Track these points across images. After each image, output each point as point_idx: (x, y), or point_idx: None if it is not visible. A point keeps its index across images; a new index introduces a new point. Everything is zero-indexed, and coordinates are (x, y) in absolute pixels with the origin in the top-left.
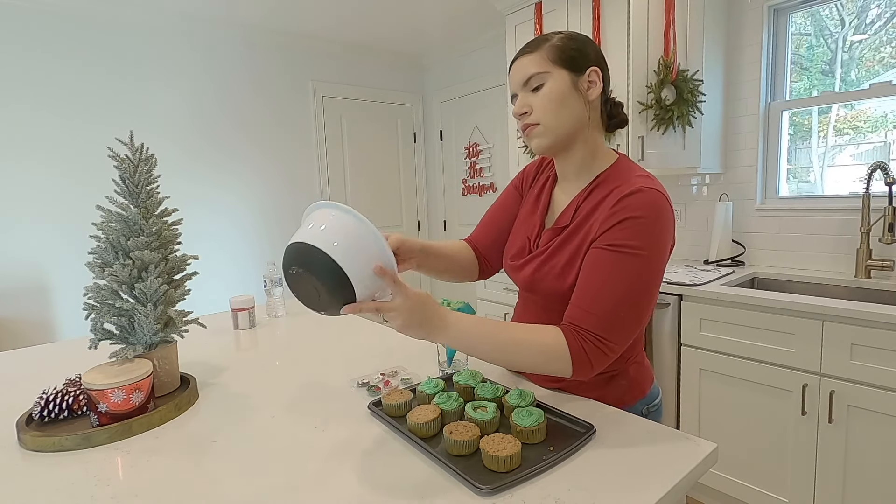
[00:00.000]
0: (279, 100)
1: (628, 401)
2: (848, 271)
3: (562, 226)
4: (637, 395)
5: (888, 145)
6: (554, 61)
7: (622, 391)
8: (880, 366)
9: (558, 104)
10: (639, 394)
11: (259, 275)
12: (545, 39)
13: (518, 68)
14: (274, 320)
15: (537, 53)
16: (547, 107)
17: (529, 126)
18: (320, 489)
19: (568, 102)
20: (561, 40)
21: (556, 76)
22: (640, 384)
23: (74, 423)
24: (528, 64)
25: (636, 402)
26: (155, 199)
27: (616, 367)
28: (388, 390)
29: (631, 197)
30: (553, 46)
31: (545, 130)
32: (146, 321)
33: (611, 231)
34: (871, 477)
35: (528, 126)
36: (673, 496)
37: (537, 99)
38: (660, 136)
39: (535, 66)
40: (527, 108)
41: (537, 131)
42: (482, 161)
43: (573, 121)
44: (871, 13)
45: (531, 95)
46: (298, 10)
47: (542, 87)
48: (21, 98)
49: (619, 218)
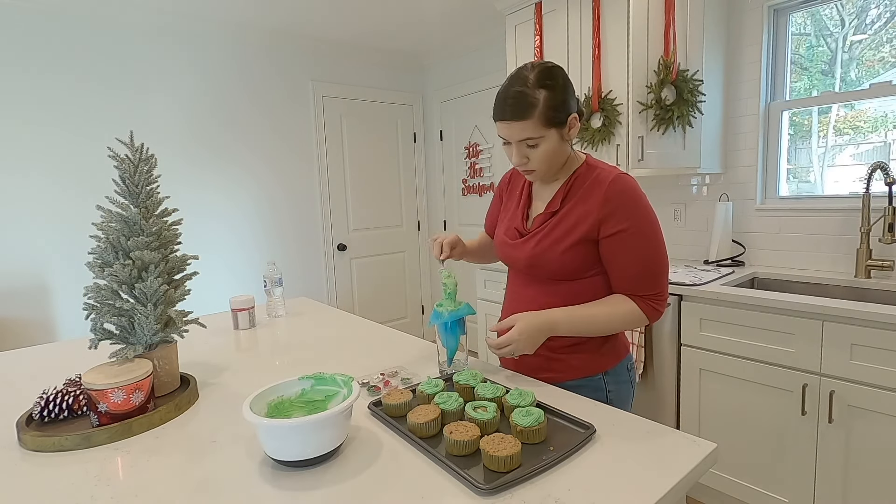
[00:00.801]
0: (279, 100)
1: (619, 356)
2: (848, 271)
3: (552, 210)
4: (624, 353)
5: (888, 145)
6: (546, 125)
7: (613, 349)
8: (880, 366)
9: (552, 157)
10: (625, 352)
11: (259, 275)
12: (531, 104)
13: (512, 130)
14: (274, 320)
15: (530, 122)
16: (543, 161)
17: (528, 171)
18: (320, 489)
19: (558, 152)
20: (546, 102)
21: (548, 137)
22: (625, 345)
23: (74, 423)
24: (523, 130)
25: (625, 358)
26: (155, 199)
27: None
28: (388, 390)
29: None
30: (542, 114)
31: (540, 174)
32: (146, 321)
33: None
34: (871, 477)
35: (527, 170)
36: (673, 496)
37: (534, 155)
38: (660, 136)
39: (530, 132)
40: (525, 159)
41: (534, 175)
42: (482, 161)
43: (561, 159)
44: (871, 13)
45: (528, 149)
46: (298, 9)
47: (538, 146)
48: (19, 99)
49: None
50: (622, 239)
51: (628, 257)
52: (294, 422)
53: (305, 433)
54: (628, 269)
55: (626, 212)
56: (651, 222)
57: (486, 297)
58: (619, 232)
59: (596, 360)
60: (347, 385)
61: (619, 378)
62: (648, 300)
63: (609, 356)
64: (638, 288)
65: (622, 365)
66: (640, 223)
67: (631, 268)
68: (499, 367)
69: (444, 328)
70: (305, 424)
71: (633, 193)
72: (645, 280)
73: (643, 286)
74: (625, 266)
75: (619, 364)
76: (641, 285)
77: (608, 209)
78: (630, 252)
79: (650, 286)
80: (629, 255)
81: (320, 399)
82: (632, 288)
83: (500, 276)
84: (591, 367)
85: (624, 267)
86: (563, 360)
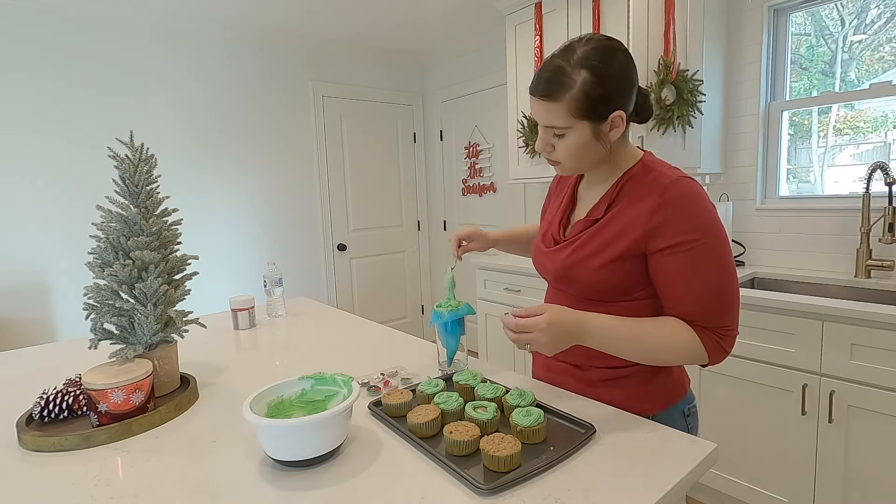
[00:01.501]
0: (279, 100)
1: (673, 399)
2: (848, 271)
3: (594, 218)
4: (680, 394)
5: (888, 145)
6: (576, 115)
7: (666, 389)
8: (880, 366)
9: (580, 152)
10: (681, 392)
11: (259, 275)
12: (565, 85)
13: (539, 109)
14: (274, 320)
15: (559, 105)
16: (568, 155)
17: (552, 161)
18: (320, 489)
19: (588, 150)
20: (584, 87)
21: (577, 129)
22: (681, 383)
23: (74, 423)
24: (549, 113)
25: (678, 402)
26: (155, 199)
27: None
28: (388, 390)
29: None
30: (575, 100)
31: (566, 168)
32: (146, 321)
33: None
34: (871, 477)
35: (551, 161)
36: (673, 496)
37: (559, 145)
38: (660, 136)
39: (558, 120)
40: (550, 147)
41: (560, 167)
42: (482, 161)
43: (594, 158)
44: (870, 13)
45: (554, 137)
46: (298, 9)
47: (564, 136)
48: (17, 99)
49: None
50: (679, 256)
51: (687, 280)
52: (294, 422)
53: (305, 433)
54: (687, 295)
55: (685, 222)
56: (718, 237)
57: (486, 297)
58: (674, 246)
59: (640, 400)
60: (347, 385)
61: (672, 424)
62: (713, 334)
63: (658, 395)
64: (703, 317)
65: (677, 409)
66: (703, 237)
67: (691, 293)
68: (499, 368)
69: (444, 328)
70: (305, 424)
71: (694, 199)
72: (710, 309)
73: (707, 316)
74: (682, 291)
75: (673, 408)
76: (708, 314)
77: (661, 217)
78: (690, 273)
79: (716, 317)
80: (689, 277)
81: (320, 399)
82: (695, 315)
83: (500, 276)
84: (632, 408)
85: (681, 292)
86: (597, 393)
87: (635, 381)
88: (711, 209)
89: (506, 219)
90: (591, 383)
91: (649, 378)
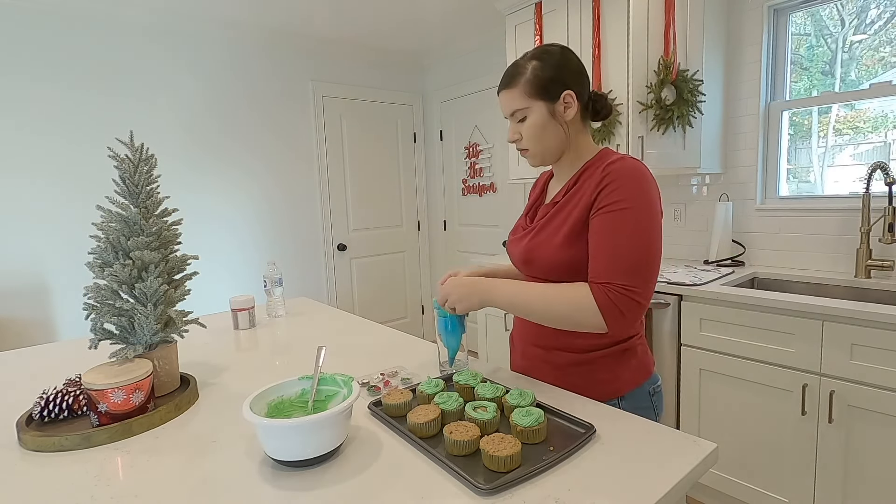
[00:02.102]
0: (279, 100)
1: (639, 379)
2: (848, 271)
3: (555, 201)
4: (645, 375)
5: (888, 145)
6: (531, 95)
7: (633, 370)
8: (880, 366)
9: (541, 132)
10: (646, 373)
11: (259, 275)
12: (520, 73)
13: (503, 101)
14: (274, 320)
15: (516, 89)
16: (531, 136)
17: (522, 150)
18: (320, 489)
19: (548, 128)
20: (534, 71)
21: (534, 109)
22: (646, 364)
23: (74, 423)
24: (510, 99)
25: (644, 382)
26: (155, 199)
27: (625, 342)
28: (388, 390)
29: (612, 164)
30: (528, 82)
31: (534, 154)
32: (146, 321)
33: (600, 196)
34: (871, 477)
35: (521, 149)
36: (673, 496)
37: (524, 129)
38: (660, 136)
39: (517, 102)
40: (517, 136)
41: (529, 154)
42: (482, 161)
43: (556, 141)
44: (871, 13)
45: (519, 125)
46: (298, 9)
47: (526, 119)
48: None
49: (605, 183)
50: (604, 216)
51: (603, 237)
52: (294, 422)
53: (305, 433)
54: (599, 252)
55: (618, 189)
56: (645, 208)
57: None
58: (603, 207)
59: (609, 383)
60: (347, 385)
61: (639, 404)
62: (610, 290)
63: (625, 377)
64: (603, 273)
65: (643, 389)
66: (629, 204)
67: (604, 248)
68: (499, 368)
69: (445, 327)
70: (305, 424)
71: (632, 172)
72: (615, 264)
73: (610, 272)
74: (601, 247)
75: (639, 388)
76: (609, 270)
77: (601, 186)
78: (607, 231)
79: (616, 273)
80: (605, 234)
81: (320, 399)
82: (599, 272)
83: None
84: (602, 390)
85: (600, 248)
86: (571, 380)
87: (602, 366)
88: (647, 184)
89: (506, 219)
90: (560, 367)
91: (615, 361)
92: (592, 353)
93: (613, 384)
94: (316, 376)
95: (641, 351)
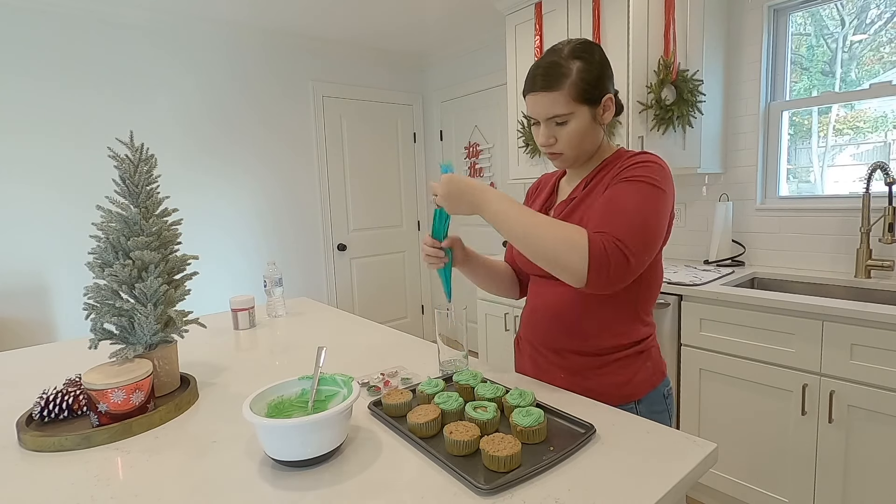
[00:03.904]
0: (279, 100)
1: (654, 381)
2: (848, 271)
3: (572, 197)
4: (660, 377)
5: (888, 145)
6: (576, 100)
7: (649, 372)
8: (880, 366)
9: (581, 138)
10: (661, 375)
11: (259, 275)
12: (563, 74)
13: (542, 104)
14: (274, 320)
15: (560, 93)
16: (570, 142)
17: (554, 153)
18: (320, 489)
19: (589, 134)
20: (580, 74)
21: (578, 115)
22: (660, 366)
23: (74, 423)
24: (552, 104)
25: (660, 384)
26: (155, 199)
27: (641, 343)
28: (388, 390)
29: (637, 156)
30: (574, 86)
31: (567, 158)
32: (146, 321)
33: (622, 172)
34: (871, 477)
35: (553, 153)
36: (673, 496)
37: (563, 133)
38: (660, 136)
39: (560, 107)
40: (552, 139)
41: (561, 158)
42: (482, 161)
43: (593, 145)
44: (871, 13)
45: (556, 128)
46: (298, 10)
47: (567, 124)
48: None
49: (630, 164)
50: (620, 183)
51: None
52: (294, 422)
53: (305, 433)
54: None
55: (641, 167)
56: (662, 185)
57: (485, 297)
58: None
59: (625, 386)
60: (347, 385)
61: (654, 408)
62: (607, 240)
63: (641, 380)
64: (603, 225)
65: (657, 392)
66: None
67: (610, 207)
68: (499, 368)
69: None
70: (305, 424)
71: (651, 160)
72: (617, 220)
73: (612, 225)
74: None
75: (654, 391)
76: (610, 223)
77: (623, 167)
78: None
79: (619, 229)
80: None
81: (320, 399)
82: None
83: None
84: (619, 394)
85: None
86: (586, 384)
87: (618, 368)
88: (666, 173)
89: None
90: (576, 372)
91: (631, 362)
92: (608, 355)
93: (629, 387)
94: (316, 376)
95: (656, 353)
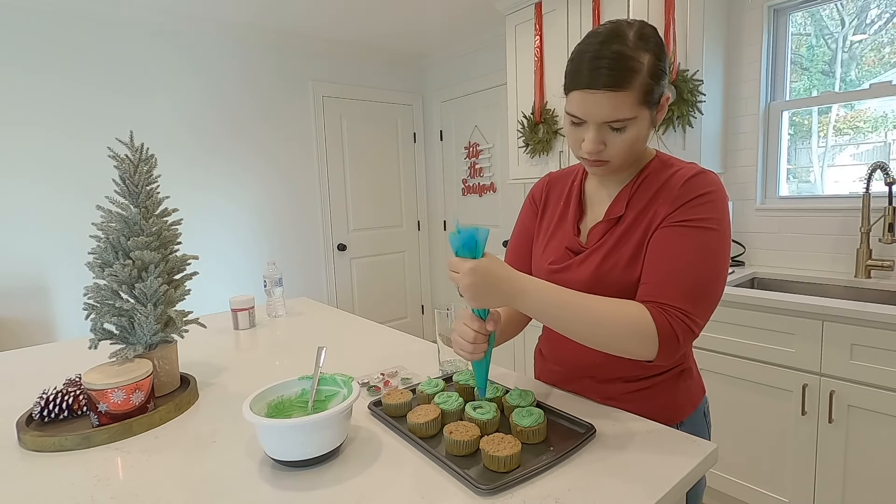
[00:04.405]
0: (279, 100)
1: (696, 401)
2: (848, 271)
3: (615, 216)
4: (700, 394)
5: (888, 145)
6: (643, 103)
7: (691, 392)
8: (880, 366)
9: (634, 147)
10: (701, 391)
11: (259, 275)
12: (635, 69)
13: (602, 105)
14: (274, 320)
15: (628, 94)
16: (625, 149)
17: (600, 161)
18: (320, 489)
19: (643, 140)
20: (651, 70)
21: (640, 120)
22: (700, 383)
23: (74, 423)
24: (617, 106)
25: (702, 401)
26: (155, 199)
27: (682, 362)
28: (388, 390)
29: (697, 178)
30: (645, 85)
31: (614, 167)
32: (146, 321)
33: (681, 209)
34: (871, 477)
35: (599, 161)
36: (673, 496)
37: (617, 140)
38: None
39: (626, 111)
40: (601, 146)
41: (606, 167)
42: (482, 161)
43: (640, 153)
44: (871, 13)
45: (609, 133)
46: (299, 10)
47: (625, 129)
48: (17, 100)
49: (689, 196)
50: (675, 229)
51: (671, 253)
52: (294, 422)
53: (305, 433)
54: (668, 267)
55: (707, 206)
56: (721, 231)
57: None
58: (676, 221)
59: (668, 408)
60: (347, 385)
61: (696, 428)
62: (671, 314)
63: (684, 401)
64: (669, 294)
65: (699, 411)
66: (705, 222)
67: (671, 264)
68: (499, 368)
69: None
70: (305, 424)
71: (711, 189)
72: (679, 287)
73: (674, 293)
74: (667, 262)
75: (696, 411)
76: (672, 290)
77: (682, 200)
78: (677, 247)
79: (682, 298)
80: (674, 250)
81: (320, 399)
82: (661, 293)
83: None
84: (662, 418)
85: (665, 263)
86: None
87: (661, 391)
88: (724, 205)
89: (506, 219)
90: (614, 397)
91: (675, 384)
92: (651, 378)
93: (672, 409)
94: (316, 376)
95: (696, 370)
